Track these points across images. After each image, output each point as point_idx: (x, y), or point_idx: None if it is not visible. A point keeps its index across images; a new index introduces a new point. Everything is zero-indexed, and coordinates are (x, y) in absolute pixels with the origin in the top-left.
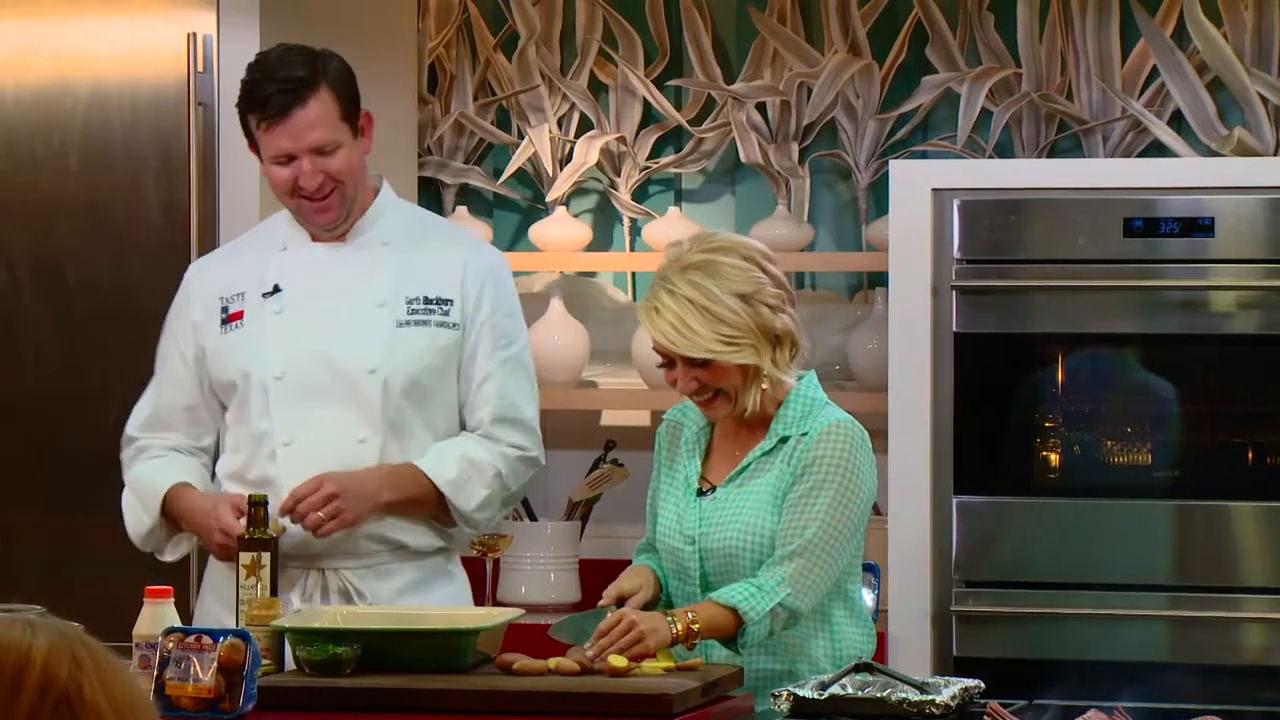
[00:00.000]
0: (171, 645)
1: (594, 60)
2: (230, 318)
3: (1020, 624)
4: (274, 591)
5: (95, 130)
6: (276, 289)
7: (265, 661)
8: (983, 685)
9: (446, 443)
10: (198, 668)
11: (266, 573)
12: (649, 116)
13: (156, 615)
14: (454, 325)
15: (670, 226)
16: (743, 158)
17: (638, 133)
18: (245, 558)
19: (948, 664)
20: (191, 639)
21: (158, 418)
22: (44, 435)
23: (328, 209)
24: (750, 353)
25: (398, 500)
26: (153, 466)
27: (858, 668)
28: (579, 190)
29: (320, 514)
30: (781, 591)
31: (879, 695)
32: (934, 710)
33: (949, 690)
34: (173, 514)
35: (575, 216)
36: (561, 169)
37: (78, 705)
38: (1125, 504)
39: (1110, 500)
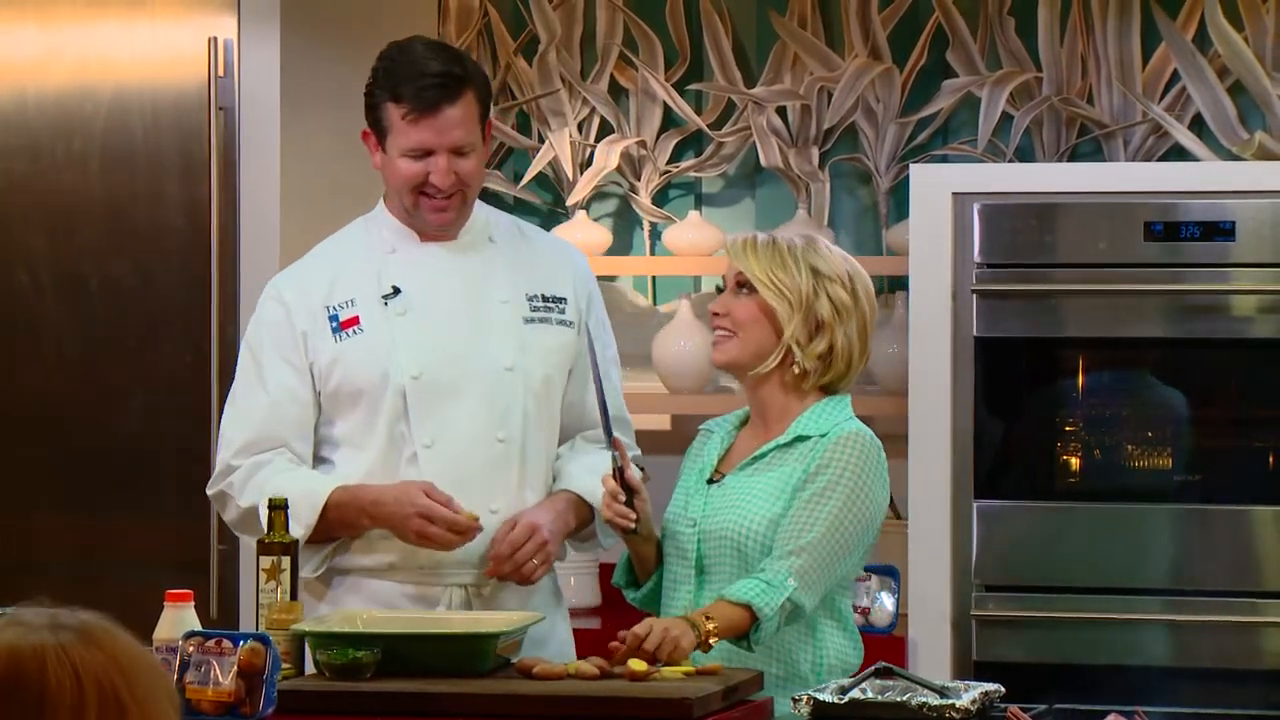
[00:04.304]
0: (191, 649)
1: (614, 64)
2: (344, 324)
3: (1041, 628)
4: (294, 595)
5: (116, 134)
6: (396, 290)
7: (285, 665)
8: (1003, 690)
9: (584, 464)
10: (218, 671)
11: (287, 576)
12: (669, 120)
13: (177, 619)
14: (569, 324)
15: (690, 231)
16: (763, 162)
17: (658, 137)
18: (265, 561)
19: (968, 668)
20: (211, 643)
21: (265, 435)
22: (66, 438)
23: (447, 209)
24: (785, 306)
25: (573, 530)
26: (294, 476)
27: (878, 672)
28: (599, 194)
29: (534, 561)
30: (790, 585)
31: (899, 699)
32: (954, 715)
33: (969, 695)
34: (337, 519)
35: (595, 220)
36: (582, 173)
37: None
38: (1146, 508)
39: (1131, 504)
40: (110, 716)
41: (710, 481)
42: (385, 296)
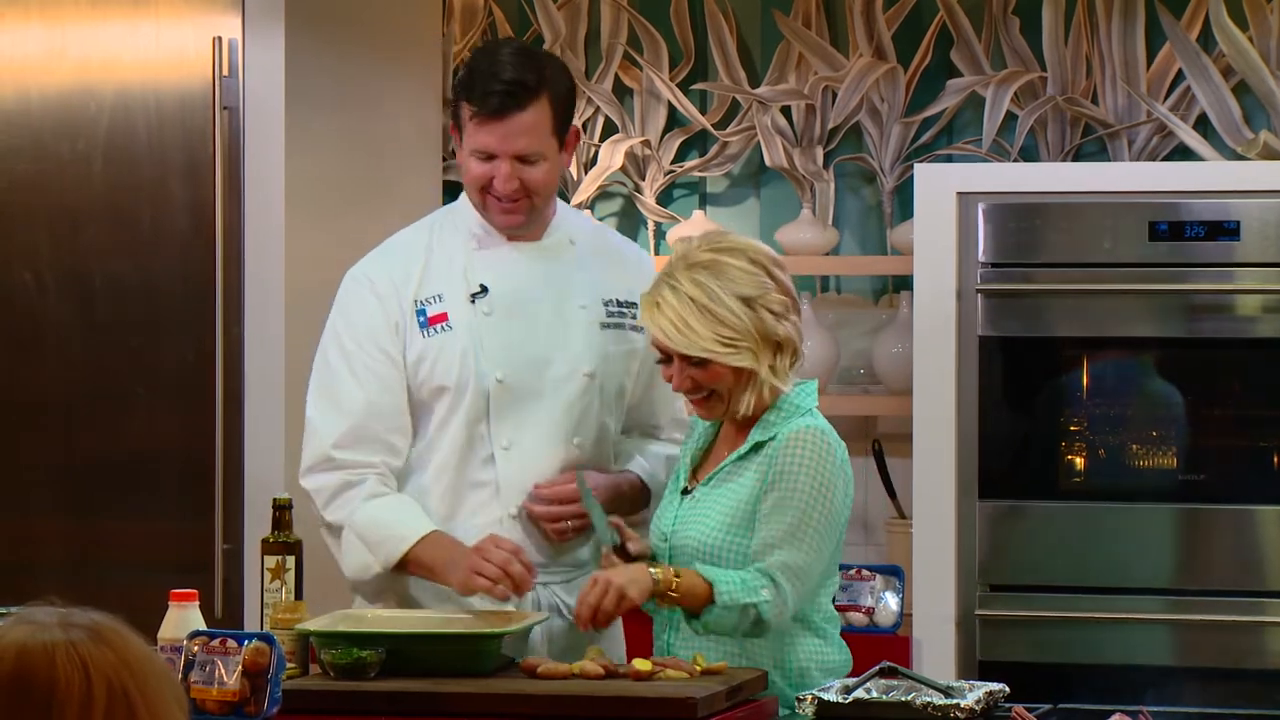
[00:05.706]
0: (196, 649)
1: (619, 64)
2: (432, 320)
3: (1045, 628)
4: (298, 595)
5: (120, 134)
6: (484, 289)
7: (290, 665)
8: (1007, 689)
9: (653, 450)
10: (222, 671)
11: (291, 576)
12: (673, 120)
13: (181, 619)
14: (639, 330)
15: (694, 230)
16: (767, 161)
17: (662, 136)
18: (270, 561)
19: (972, 668)
20: (216, 642)
21: (364, 429)
22: (69, 438)
23: (514, 213)
24: (748, 356)
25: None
26: (382, 506)
27: (882, 671)
28: (604, 194)
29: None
30: (762, 595)
31: (903, 699)
32: (958, 715)
33: (974, 694)
34: (421, 560)
35: (600, 220)
36: (586, 172)
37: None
38: (1150, 508)
39: (1135, 504)
40: (118, 715)
41: (685, 492)
42: (474, 294)
